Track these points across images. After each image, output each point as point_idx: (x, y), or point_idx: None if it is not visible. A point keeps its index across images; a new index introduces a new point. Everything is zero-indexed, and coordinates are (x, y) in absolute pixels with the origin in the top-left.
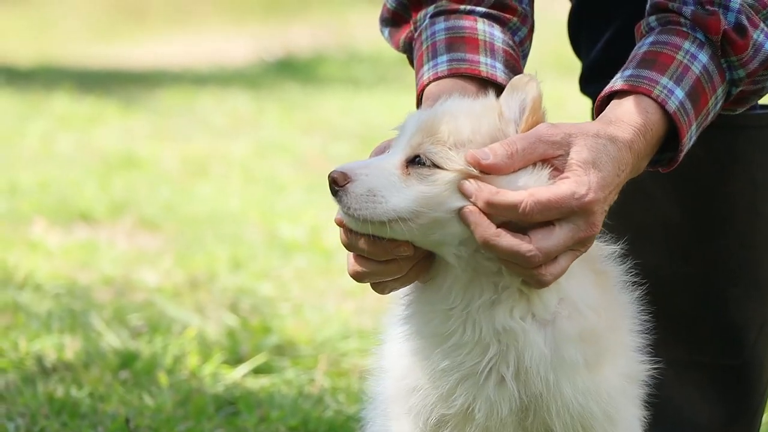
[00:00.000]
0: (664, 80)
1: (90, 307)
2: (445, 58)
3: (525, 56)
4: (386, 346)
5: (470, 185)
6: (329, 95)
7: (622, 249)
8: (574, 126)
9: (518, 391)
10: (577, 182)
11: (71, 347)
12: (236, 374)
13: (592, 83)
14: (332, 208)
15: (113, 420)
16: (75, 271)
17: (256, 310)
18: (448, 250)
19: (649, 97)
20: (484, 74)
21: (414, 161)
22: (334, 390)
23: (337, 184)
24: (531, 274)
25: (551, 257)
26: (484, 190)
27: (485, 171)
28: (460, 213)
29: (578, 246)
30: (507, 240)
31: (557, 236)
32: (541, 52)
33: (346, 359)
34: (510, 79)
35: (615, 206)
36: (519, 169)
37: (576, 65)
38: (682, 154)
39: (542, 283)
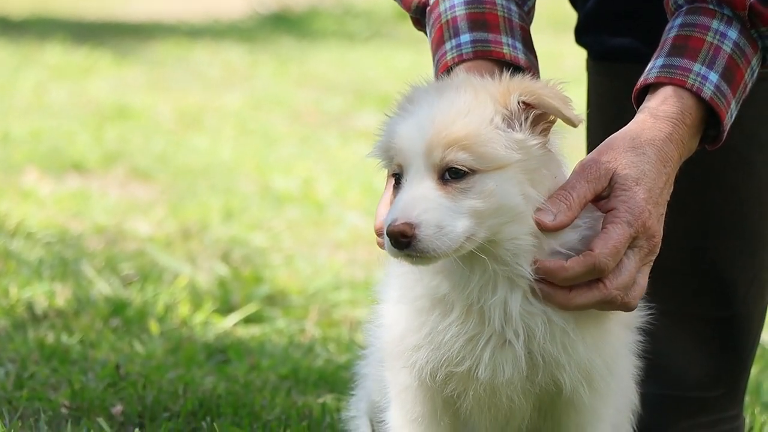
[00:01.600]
0: (697, 66)
1: (81, 256)
2: (468, 38)
3: (530, 24)
4: (384, 305)
5: (544, 264)
6: (323, 49)
7: None
8: (611, 148)
9: (528, 352)
10: (627, 211)
11: (62, 294)
12: (227, 323)
13: (587, 34)
14: (325, 160)
15: (103, 366)
16: (67, 219)
17: (248, 261)
18: (500, 247)
19: (684, 87)
20: (507, 57)
21: (444, 177)
22: (324, 339)
23: (406, 236)
24: (618, 307)
25: (630, 285)
26: (557, 273)
27: (553, 230)
28: (537, 288)
29: (648, 259)
30: (584, 297)
31: (627, 267)
32: (537, 9)
33: (337, 310)
34: (528, 59)
35: None
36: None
37: (571, 22)
38: (725, 133)
39: (631, 308)
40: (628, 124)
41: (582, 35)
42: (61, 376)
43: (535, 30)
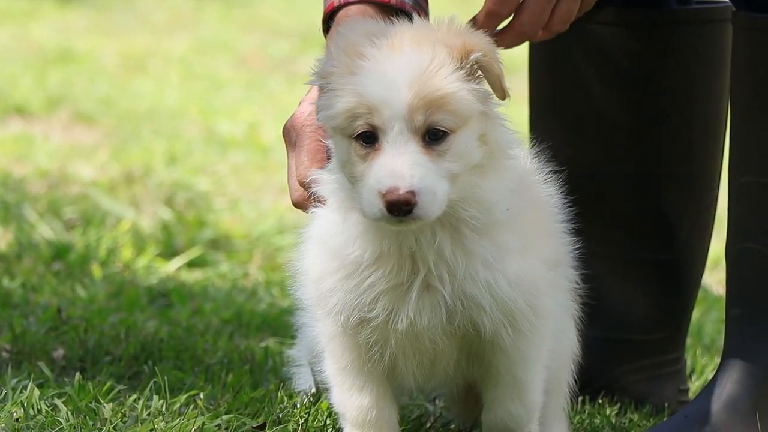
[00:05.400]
0: None
1: (24, 199)
2: None
3: None
4: (303, 246)
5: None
6: None
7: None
8: None
9: (448, 296)
10: None
11: (4, 238)
12: (170, 267)
13: None
14: (270, 105)
15: (45, 310)
16: (9, 163)
17: (192, 205)
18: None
19: None
20: (393, 2)
21: (425, 139)
22: (267, 284)
23: (410, 204)
24: None
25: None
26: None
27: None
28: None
29: None
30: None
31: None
32: None
33: (281, 254)
34: (416, 3)
35: (550, 101)
36: None
37: None
38: None
39: None
40: None
41: None
42: (2, 320)
43: None
